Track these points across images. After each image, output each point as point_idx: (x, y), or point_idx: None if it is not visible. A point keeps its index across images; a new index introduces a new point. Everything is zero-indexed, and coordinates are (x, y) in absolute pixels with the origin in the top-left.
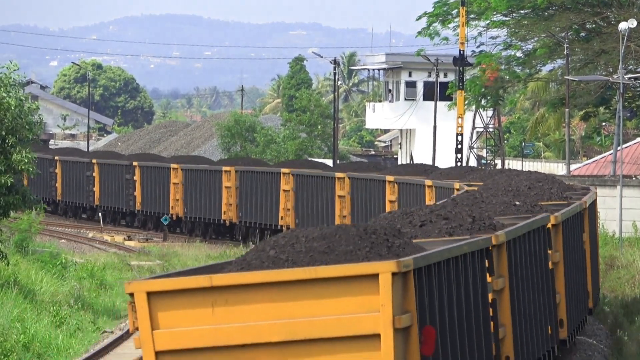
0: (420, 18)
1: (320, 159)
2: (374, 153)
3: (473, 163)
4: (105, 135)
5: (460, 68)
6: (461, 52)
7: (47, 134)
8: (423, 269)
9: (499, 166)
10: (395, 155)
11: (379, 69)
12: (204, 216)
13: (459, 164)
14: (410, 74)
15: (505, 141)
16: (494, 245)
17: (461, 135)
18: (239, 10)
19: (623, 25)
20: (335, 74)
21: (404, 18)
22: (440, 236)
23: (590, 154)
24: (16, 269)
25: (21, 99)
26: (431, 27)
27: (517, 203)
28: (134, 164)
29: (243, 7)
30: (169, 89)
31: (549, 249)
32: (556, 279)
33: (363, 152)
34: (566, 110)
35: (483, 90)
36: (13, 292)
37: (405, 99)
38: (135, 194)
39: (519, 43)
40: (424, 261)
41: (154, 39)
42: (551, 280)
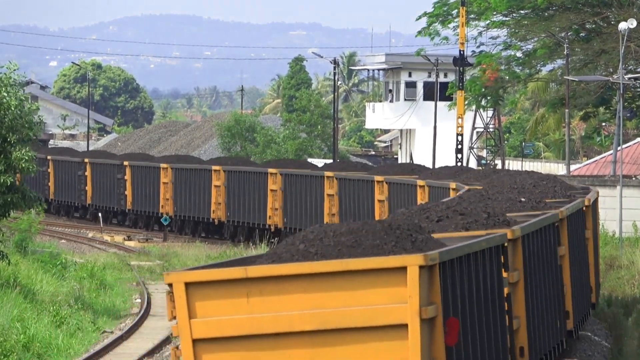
0: (420, 18)
1: (320, 159)
2: (374, 153)
3: (473, 163)
4: (105, 135)
5: (460, 68)
6: (461, 52)
7: (47, 134)
8: (447, 262)
9: (499, 166)
10: (396, 156)
11: (378, 69)
12: (194, 215)
13: (459, 164)
14: (410, 74)
15: (505, 141)
16: (510, 240)
17: (461, 135)
18: (239, 10)
19: (623, 25)
20: (335, 74)
21: (404, 18)
22: (457, 231)
23: (590, 154)
24: (16, 269)
25: (21, 98)
26: (431, 27)
27: (523, 200)
28: (125, 163)
29: (243, 7)
30: (169, 89)
31: (558, 244)
32: (563, 272)
33: (363, 152)
34: (566, 110)
35: (483, 90)
36: (13, 292)
37: (405, 99)
38: (126, 193)
39: (519, 43)
40: (447, 255)
41: (154, 39)
42: (560, 274)
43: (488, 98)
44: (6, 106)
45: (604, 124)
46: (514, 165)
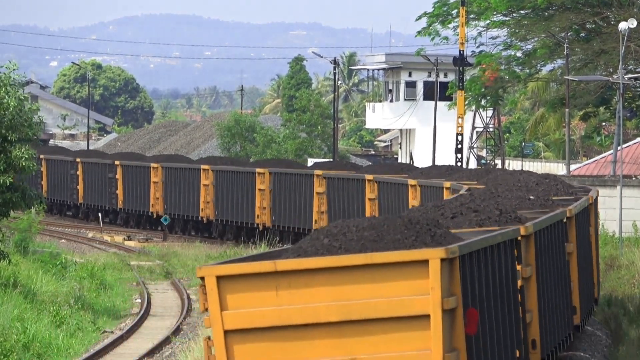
0: (420, 18)
1: (320, 159)
2: (373, 153)
3: (473, 163)
4: (105, 135)
5: (460, 68)
6: (461, 52)
7: (47, 134)
8: (466, 256)
9: (499, 166)
10: (396, 155)
11: (378, 69)
12: (183, 213)
13: (459, 164)
14: (410, 74)
15: (505, 141)
16: (523, 236)
17: (461, 135)
18: (239, 10)
19: (623, 25)
20: (335, 74)
21: (404, 18)
22: (471, 227)
23: (590, 154)
24: (16, 269)
25: (21, 98)
26: (431, 27)
27: (532, 197)
28: (116, 162)
29: (243, 7)
30: (169, 89)
31: (566, 240)
32: (570, 268)
33: (363, 152)
34: (566, 110)
35: (483, 90)
36: (13, 292)
37: (405, 99)
38: (117, 192)
39: (519, 43)
40: (467, 249)
41: (154, 39)
42: (567, 270)
43: (488, 98)
44: (5, 106)
45: (604, 123)
46: (514, 165)
